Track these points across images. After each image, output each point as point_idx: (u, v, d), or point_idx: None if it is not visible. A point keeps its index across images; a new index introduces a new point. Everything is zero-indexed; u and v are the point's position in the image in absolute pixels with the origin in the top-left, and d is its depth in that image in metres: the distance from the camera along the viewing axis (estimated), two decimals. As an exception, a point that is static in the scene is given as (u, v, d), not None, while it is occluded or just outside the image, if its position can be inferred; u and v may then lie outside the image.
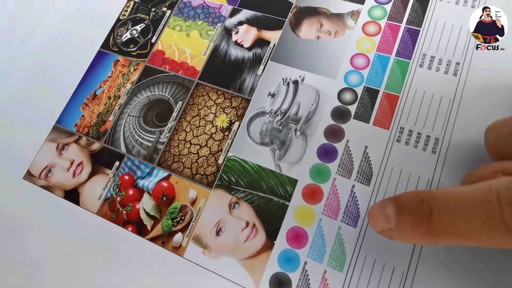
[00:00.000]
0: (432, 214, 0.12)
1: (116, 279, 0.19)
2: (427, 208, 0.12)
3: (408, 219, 0.13)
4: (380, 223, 0.14)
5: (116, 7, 0.26)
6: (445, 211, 0.12)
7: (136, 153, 0.22)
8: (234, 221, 0.19)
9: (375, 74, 0.21)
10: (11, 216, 0.21)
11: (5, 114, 0.24)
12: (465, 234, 0.12)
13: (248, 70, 0.22)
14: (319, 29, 0.22)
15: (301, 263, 0.18)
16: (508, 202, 0.11)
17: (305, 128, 0.20)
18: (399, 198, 0.14)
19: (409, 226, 0.13)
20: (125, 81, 0.24)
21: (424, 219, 0.12)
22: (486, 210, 0.11)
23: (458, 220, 0.12)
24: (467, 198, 0.12)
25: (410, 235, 0.13)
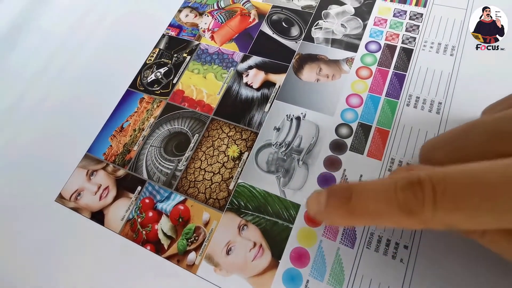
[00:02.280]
0: (351, 197, 0.15)
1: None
2: (348, 193, 0.15)
3: (333, 202, 0.15)
4: (313, 206, 0.16)
5: (144, 53, 0.30)
6: (361, 195, 0.14)
7: (157, 179, 0.24)
8: (242, 242, 0.21)
9: (368, 112, 0.24)
10: (43, 234, 0.24)
11: (42, 142, 0.27)
12: (373, 214, 0.14)
13: (257, 108, 0.26)
14: (319, 73, 0.26)
15: (304, 281, 0.20)
16: (401, 187, 0.13)
17: (307, 158, 0.23)
18: (331, 186, 0.16)
19: (334, 208, 0.15)
20: (149, 116, 0.27)
21: (345, 202, 0.15)
22: (386, 193, 0.14)
23: (368, 202, 0.14)
24: (377, 185, 0.14)
25: (334, 215, 0.15)
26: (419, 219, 0.13)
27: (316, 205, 0.16)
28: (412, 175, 0.13)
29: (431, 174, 0.13)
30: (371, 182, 0.15)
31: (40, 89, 0.30)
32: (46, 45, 0.32)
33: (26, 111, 0.29)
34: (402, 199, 0.13)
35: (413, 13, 0.27)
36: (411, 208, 0.13)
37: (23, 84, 0.30)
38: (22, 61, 0.32)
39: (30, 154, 0.27)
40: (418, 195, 0.13)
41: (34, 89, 0.30)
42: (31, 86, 0.30)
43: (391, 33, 0.26)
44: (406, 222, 0.13)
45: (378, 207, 0.14)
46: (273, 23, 0.29)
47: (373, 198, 0.14)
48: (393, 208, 0.13)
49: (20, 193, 0.26)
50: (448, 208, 0.12)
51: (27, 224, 0.24)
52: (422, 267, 0.19)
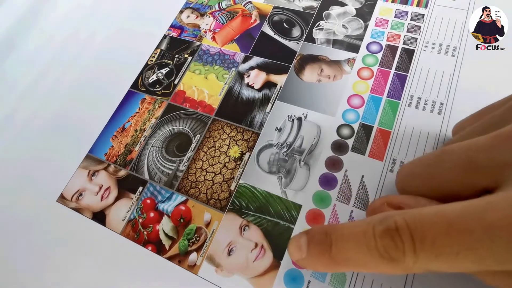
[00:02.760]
0: (331, 245, 0.14)
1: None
2: (328, 239, 0.14)
3: (315, 250, 0.15)
4: (295, 253, 0.16)
5: (145, 54, 0.30)
6: (341, 242, 0.14)
7: (158, 179, 0.24)
8: (244, 242, 0.21)
9: (369, 112, 0.24)
10: (44, 234, 0.24)
11: (42, 143, 0.27)
12: (356, 262, 0.14)
13: (258, 108, 0.26)
14: (320, 74, 0.26)
15: (305, 282, 0.20)
16: (380, 235, 0.13)
17: (308, 159, 0.23)
18: (310, 231, 0.16)
19: (316, 255, 0.15)
20: (150, 116, 0.27)
21: (327, 250, 0.14)
22: (366, 241, 0.13)
23: (349, 250, 0.14)
24: (356, 231, 0.14)
25: (317, 264, 0.15)
26: (401, 267, 0.13)
27: (297, 252, 0.15)
28: (389, 220, 0.13)
29: (407, 219, 0.13)
30: (349, 226, 0.14)
31: (42, 90, 0.30)
32: (48, 45, 0.32)
33: (28, 112, 0.29)
34: (382, 247, 0.13)
35: (414, 14, 0.27)
36: (392, 256, 0.13)
37: (25, 85, 0.31)
38: (24, 62, 0.32)
39: (31, 155, 0.27)
40: (397, 244, 0.12)
41: (35, 90, 0.30)
42: (33, 87, 0.30)
43: (392, 33, 0.26)
44: (389, 269, 0.13)
45: (359, 256, 0.13)
46: (275, 24, 0.29)
47: (353, 247, 0.14)
48: (374, 256, 0.13)
49: (22, 193, 0.26)
50: (429, 256, 0.12)
51: (29, 223, 0.24)
52: (424, 268, 0.19)
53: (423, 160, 0.16)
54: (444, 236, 0.12)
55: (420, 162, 0.16)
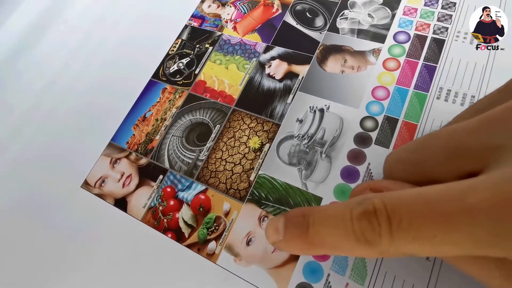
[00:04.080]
0: (308, 227, 0.14)
1: (155, 280, 0.21)
2: (305, 221, 0.14)
3: (291, 231, 0.15)
4: (271, 235, 0.15)
5: (167, 44, 0.30)
6: (318, 224, 0.14)
7: (178, 168, 0.24)
8: (263, 233, 0.21)
9: (394, 105, 0.23)
10: (69, 219, 0.24)
11: (67, 132, 0.28)
12: (332, 245, 0.13)
13: (279, 99, 0.25)
14: (343, 64, 0.25)
15: (325, 275, 0.19)
16: (357, 217, 0.13)
17: (330, 151, 0.22)
18: (288, 213, 0.15)
19: (292, 237, 0.14)
20: (171, 106, 0.27)
21: (303, 232, 0.14)
22: (343, 224, 0.13)
23: (326, 233, 0.13)
24: (333, 213, 0.14)
25: (293, 245, 0.15)
26: (377, 250, 0.12)
27: (273, 234, 0.15)
28: (367, 202, 0.13)
29: (386, 202, 0.12)
30: (327, 208, 0.14)
31: (66, 80, 0.31)
32: (72, 37, 0.33)
33: (53, 102, 0.30)
34: (358, 229, 0.12)
35: (445, 2, 0.26)
36: (367, 238, 0.12)
37: (49, 75, 0.31)
38: (48, 53, 0.33)
39: (57, 142, 0.28)
40: (374, 226, 0.12)
41: (59, 81, 0.31)
42: (57, 77, 0.31)
43: (421, 23, 0.25)
44: (364, 252, 0.13)
45: (335, 238, 0.13)
46: (297, 13, 0.29)
47: (330, 229, 0.13)
48: (350, 239, 0.13)
49: (48, 180, 0.26)
50: (405, 239, 0.12)
51: (56, 208, 0.25)
52: (449, 265, 0.18)
53: (409, 145, 0.16)
54: (422, 217, 0.11)
55: (406, 147, 0.16)
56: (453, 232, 0.11)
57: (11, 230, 0.25)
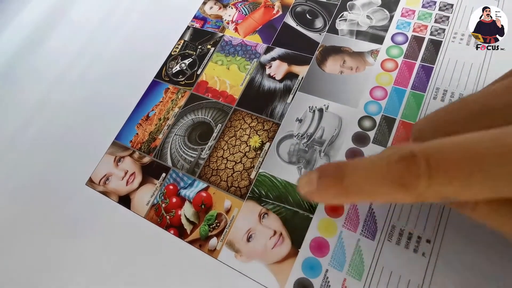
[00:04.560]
0: (344, 176, 0.15)
1: (158, 275, 0.22)
2: (340, 172, 0.15)
3: (325, 181, 0.15)
4: (304, 186, 0.16)
5: (169, 45, 0.31)
6: (353, 173, 0.14)
7: (181, 166, 0.25)
8: (263, 230, 0.22)
9: (392, 105, 0.23)
10: (74, 215, 0.25)
11: (73, 130, 0.29)
12: (368, 191, 0.14)
13: (279, 99, 0.26)
14: (342, 65, 0.26)
15: (323, 270, 0.20)
16: (396, 161, 0.13)
17: (329, 150, 0.23)
18: (321, 166, 0.16)
19: (327, 186, 0.15)
20: (173, 105, 0.28)
21: (338, 181, 0.15)
22: (381, 170, 0.13)
23: (362, 180, 0.14)
24: (369, 161, 0.14)
25: (327, 195, 0.15)
26: (414, 193, 0.13)
27: (307, 185, 0.16)
28: (404, 150, 0.13)
29: (423, 146, 0.13)
30: (362, 159, 0.15)
31: (71, 79, 0.31)
32: (76, 38, 0.34)
33: (58, 101, 0.31)
34: (396, 173, 0.13)
35: (443, 4, 0.26)
36: (405, 181, 0.13)
37: (55, 76, 0.32)
38: (54, 53, 0.34)
39: (63, 140, 0.29)
40: (412, 169, 0.12)
41: (65, 80, 0.32)
42: (63, 77, 0.32)
43: (419, 24, 0.26)
44: (401, 196, 0.13)
45: (372, 184, 0.14)
46: (297, 15, 0.29)
47: (366, 176, 0.14)
48: (387, 183, 0.13)
49: (54, 177, 0.27)
50: (442, 179, 0.12)
51: (61, 204, 0.26)
52: (444, 262, 0.19)
53: (437, 112, 0.16)
54: (458, 159, 0.12)
55: (435, 114, 0.16)
56: (486, 170, 0.11)
57: (15, 227, 0.26)
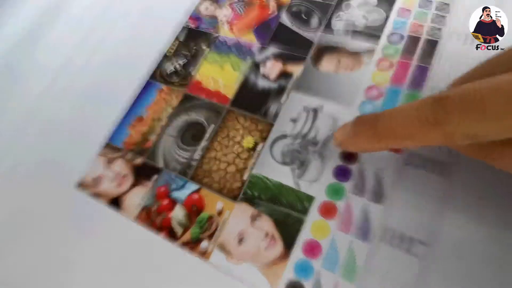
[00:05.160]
0: (377, 121, 0.16)
1: (148, 278, 0.21)
2: (374, 118, 0.16)
3: (359, 127, 0.17)
4: (339, 135, 0.18)
5: (164, 45, 0.31)
6: (388, 118, 0.16)
7: (173, 168, 0.25)
8: (255, 232, 0.21)
9: (388, 104, 0.23)
10: (63, 220, 0.25)
11: (64, 132, 0.28)
12: (401, 133, 0.15)
13: (273, 99, 0.25)
14: (338, 65, 0.25)
15: (315, 272, 0.19)
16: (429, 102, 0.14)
17: (323, 151, 0.23)
18: (357, 116, 0.18)
19: (361, 132, 0.17)
20: (167, 106, 0.27)
21: (372, 126, 0.16)
22: (413, 112, 0.14)
23: (395, 123, 0.15)
24: (405, 107, 0.15)
25: (361, 140, 0.17)
26: (444, 131, 0.13)
27: (342, 134, 0.18)
28: (436, 94, 0.14)
29: (457, 89, 0.13)
30: (395, 107, 0.16)
31: (65, 80, 0.31)
32: (71, 37, 0.34)
33: (52, 101, 0.30)
34: (428, 111, 0.14)
35: (439, 3, 0.26)
36: (436, 118, 0.13)
37: (49, 75, 0.32)
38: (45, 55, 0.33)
39: (54, 142, 0.28)
40: (445, 105, 0.13)
41: (59, 80, 0.31)
42: (56, 77, 0.32)
43: (415, 23, 0.25)
44: (432, 136, 0.14)
45: (404, 125, 0.15)
46: (293, 14, 0.29)
47: (399, 118, 0.15)
48: (419, 123, 0.14)
49: (43, 179, 0.27)
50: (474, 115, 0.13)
51: (49, 208, 0.25)
52: (438, 263, 0.18)
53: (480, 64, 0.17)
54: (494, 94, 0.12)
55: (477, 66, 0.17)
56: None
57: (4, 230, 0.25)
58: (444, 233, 0.19)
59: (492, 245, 0.18)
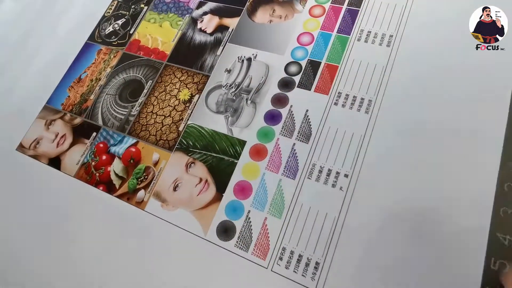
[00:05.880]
0: None
1: (88, 230, 0.22)
2: None
3: None
4: None
5: (102, 6, 0.30)
6: None
7: (111, 124, 0.25)
8: (189, 178, 0.21)
9: (318, 49, 0.23)
10: (3, 180, 0.24)
11: (3, 96, 0.28)
12: None
13: (209, 52, 0.25)
14: (272, 14, 0.25)
15: (245, 212, 0.20)
16: None
17: (255, 97, 0.23)
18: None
19: None
20: (106, 66, 0.27)
21: None
22: None
23: None
24: None
25: None
26: None
27: None
28: None
29: None
30: None
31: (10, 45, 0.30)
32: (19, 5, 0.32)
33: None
34: None
35: (371, -52, 0.26)
36: None
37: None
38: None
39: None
40: None
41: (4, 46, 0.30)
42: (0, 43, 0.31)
43: (346, -31, 0.25)
44: None
45: None
46: (231, -31, 0.29)
47: None
48: None
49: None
50: None
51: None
52: (361, 194, 0.19)
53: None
54: None
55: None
56: None
57: None
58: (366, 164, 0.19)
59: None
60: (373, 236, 0.18)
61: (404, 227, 0.18)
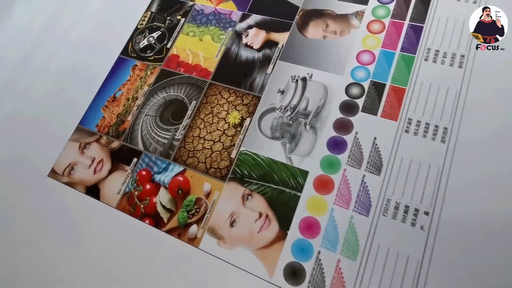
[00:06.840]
0: None
1: (134, 269, 0.20)
2: None
3: None
4: None
5: (135, 17, 0.28)
6: None
7: (153, 149, 0.23)
8: (247, 212, 0.20)
9: (381, 69, 0.21)
10: (35, 211, 0.22)
11: (32, 117, 0.26)
12: None
13: (258, 70, 0.23)
14: (325, 29, 0.23)
15: (315, 253, 0.18)
16: None
17: (315, 122, 0.21)
18: None
19: None
20: (142, 83, 0.25)
21: None
22: None
23: None
24: None
25: None
26: None
27: None
28: None
29: None
30: None
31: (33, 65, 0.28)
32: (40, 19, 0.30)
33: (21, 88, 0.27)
34: None
35: (430, -42, 0.24)
36: None
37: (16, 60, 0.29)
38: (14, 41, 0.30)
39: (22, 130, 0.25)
40: None
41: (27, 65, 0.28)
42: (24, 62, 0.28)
43: (406, -19, 0.24)
44: None
45: None
46: (274, -22, 0.27)
47: None
48: None
49: (12, 169, 0.24)
50: None
51: (21, 199, 0.23)
52: (445, 233, 0.17)
53: None
54: None
55: None
56: None
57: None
58: (448, 199, 0.18)
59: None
60: (464, 280, 0.16)
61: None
